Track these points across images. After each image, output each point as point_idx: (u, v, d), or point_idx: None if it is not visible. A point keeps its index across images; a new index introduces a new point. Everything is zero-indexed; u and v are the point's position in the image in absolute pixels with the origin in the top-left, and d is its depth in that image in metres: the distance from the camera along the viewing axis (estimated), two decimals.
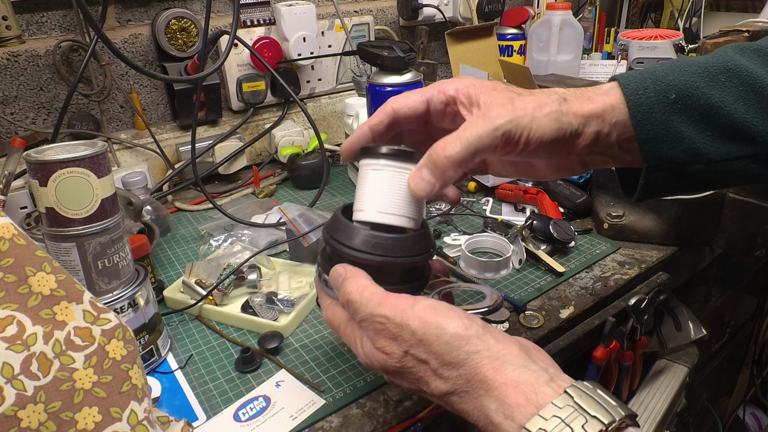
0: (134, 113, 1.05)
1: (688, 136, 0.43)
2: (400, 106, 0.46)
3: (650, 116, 0.43)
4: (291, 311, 0.67)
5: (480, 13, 1.35)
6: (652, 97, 0.43)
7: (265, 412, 0.54)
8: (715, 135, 0.43)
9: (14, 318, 0.39)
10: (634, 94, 0.43)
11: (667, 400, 0.87)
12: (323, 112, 1.22)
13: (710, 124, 0.43)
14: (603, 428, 0.32)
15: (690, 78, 0.43)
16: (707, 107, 0.42)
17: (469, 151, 0.40)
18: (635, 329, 0.74)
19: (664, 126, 0.43)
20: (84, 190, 0.51)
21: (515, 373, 0.35)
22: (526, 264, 0.78)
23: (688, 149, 0.43)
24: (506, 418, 0.34)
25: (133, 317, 0.57)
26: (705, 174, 0.45)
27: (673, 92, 0.43)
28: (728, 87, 0.42)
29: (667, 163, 0.44)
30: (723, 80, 0.43)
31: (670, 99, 0.43)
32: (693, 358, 0.95)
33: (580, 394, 0.33)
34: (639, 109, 0.43)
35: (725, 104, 0.42)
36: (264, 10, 1.11)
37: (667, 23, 1.72)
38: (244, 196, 1.04)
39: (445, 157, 0.40)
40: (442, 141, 0.41)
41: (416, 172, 0.41)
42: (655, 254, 0.79)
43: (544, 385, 0.34)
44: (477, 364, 0.36)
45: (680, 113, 0.43)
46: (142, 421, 0.44)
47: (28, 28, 0.93)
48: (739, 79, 0.42)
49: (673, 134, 0.43)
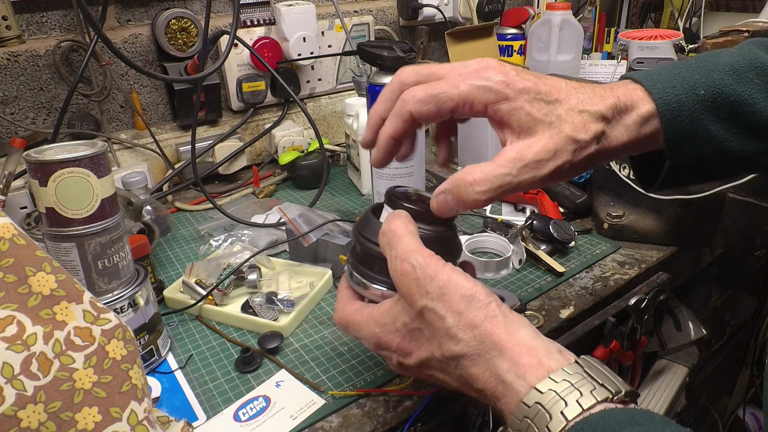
0: (134, 113, 1.05)
1: (716, 134, 0.42)
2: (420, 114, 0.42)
3: (679, 114, 0.42)
4: (291, 311, 0.67)
5: (480, 13, 1.35)
6: (680, 94, 0.42)
7: (265, 412, 0.54)
8: (742, 133, 0.43)
9: (14, 318, 0.39)
10: (661, 93, 0.42)
11: (667, 400, 0.87)
12: (323, 112, 1.22)
13: (738, 122, 0.43)
14: (610, 396, 0.33)
15: (718, 76, 0.42)
16: (737, 105, 0.42)
17: (497, 193, 0.40)
18: (635, 329, 0.74)
19: (693, 125, 0.42)
20: (84, 190, 0.51)
21: (528, 337, 0.36)
22: (526, 264, 0.78)
23: (715, 147, 0.43)
24: (518, 377, 0.35)
25: (133, 317, 0.57)
26: (727, 169, 0.45)
27: (702, 89, 0.42)
28: (756, 84, 0.42)
29: (692, 160, 0.44)
30: (751, 77, 0.42)
31: (699, 95, 0.42)
32: (693, 358, 0.95)
33: (589, 365, 0.35)
34: (668, 107, 0.42)
35: (755, 102, 0.42)
36: (264, 10, 1.11)
37: (667, 23, 1.72)
38: (244, 196, 1.04)
39: (470, 196, 0.40)
40: (471, 174, 0.40)
41: (441, 195, 0.41)
42: (655, 254, 0.79)
43: (556, 353, 0.36)
44: (492, 326, 0.36)
45: (710, 111, 0.42)
46: (142, 421, 0.44)
47: (28, 28, 0.93)
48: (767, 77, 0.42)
49: (702, 133, 0.42)
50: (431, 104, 0.41)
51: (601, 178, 0.84)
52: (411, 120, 0.42)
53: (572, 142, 0.40)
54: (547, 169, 0.40)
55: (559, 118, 0.40)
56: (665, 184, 0.47)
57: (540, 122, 0.40)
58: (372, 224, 0.45)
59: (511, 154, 0.40)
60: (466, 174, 0.40)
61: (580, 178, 0.91)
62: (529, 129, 0.40)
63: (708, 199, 0.74)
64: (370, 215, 0.46)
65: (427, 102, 0.41)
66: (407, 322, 0.40)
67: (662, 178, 0.46)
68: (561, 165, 0.40)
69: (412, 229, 0.41)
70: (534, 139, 0.40)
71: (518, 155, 0.40)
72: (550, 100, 0.40)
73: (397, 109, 0.43)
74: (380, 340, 0.42)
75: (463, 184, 0.40)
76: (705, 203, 0.76)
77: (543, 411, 0.33)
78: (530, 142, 0.40)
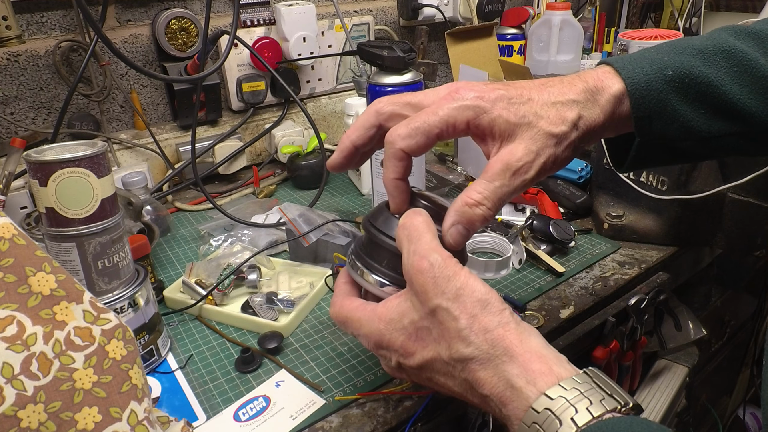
0: (134, 113, 1.05)
1: (683, 114, 0.44)
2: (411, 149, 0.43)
3: (648, 94, 0.43)
4: (291, 311, 0.67)
5: (480, 13, 1.35)
6: (650, 75, 0.43)
7: (265, 412, 0.54)
8: (708, 113, 0.44)
9: (14, 318, 0.39)
10: (630, 73, 0.44)
11: (667, 400, 0.87)
12: (323, 112, 1.22)
13: (705, 102, 0.44)
14: (618, 406, 0.34)
15: (686, 58, 0.44)
16: (704, 86, 0.43)
17: (500, 204, 0.42)
18: (635, 329, 0.74)
19: (661, 104, 0.44)
20: (84, 190, 0.51)
21: (539, 346, 0.37)
22: (526, 264, 0.78)
23: (682, 127, 0.44)
24: (528, 383, 0.35)
25: (133, 317, 0.57)
26: (694, 149, 0.46)
27: (670, 69, 0.43)
28: (723, 67, 0.44)
29: (659, 139, 0.45)
30: (718, 60, 0.44)
31: (666, 76, 0.43)
32: (693, 358, 0.95)
33: (598, 377, 0.35)
34: (637, 87, 0.43)
35: (722, 84, 0.43)
36: (264, 10, 1.11)
37: (667, 23, 1.72)
38: (244, 196, 1.04)
39: (479, 215, 0.41)
40: (470, 197, 0.41)
41: (452, 228, 0.42)
42: (655, 254, 0.79)
43: (566, 363, 0.36)
44: (505, 332, 0.37)
45: (677, 91, 0.44)
46: (142, 421, 0.44)
47: (28, 28, 0.93)
48: (734, 60, 0.44)
49: (669, 112, 0.44)
50: (418, 136, 0.42)
51: (601, 178, 0.84)
52: (406, 157, 0.43)
53: (551, 137, 0.41)
54: (533, 170, 0.41)
55: (536, 115, 0.41)
56: (635, 163, 0.48)
57: (518, 125, 0.41)
58: (386, 217, 0.45)
59: (498, 166, 0.41)
60: (467, 198, 0.41)
61: (580, 178, 0.91)
62: (510, 135, 0.41)
63: (708, 199, 0.74)
64: (385, 208, 0.46)
65: (414, 136, 0.42)
66: (415, 320, 0.40)
67: (632, 155, 0.48)
68: (546, 161, 0.41)
69: (433, 229, 0.42)
70: (515, 144, 0.41)
71: (504, 165, 0.41)
72: (523, 101, 0.42)
73: (389, 153, 0.43)
74: (383, 338, 0.42)
75: (468, 209, 0.41)
76: (705, 203, 0.75)
77: (553, 417, 0.33)
78: (511, 148, 0.41)
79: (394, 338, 0.41)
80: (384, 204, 0.47)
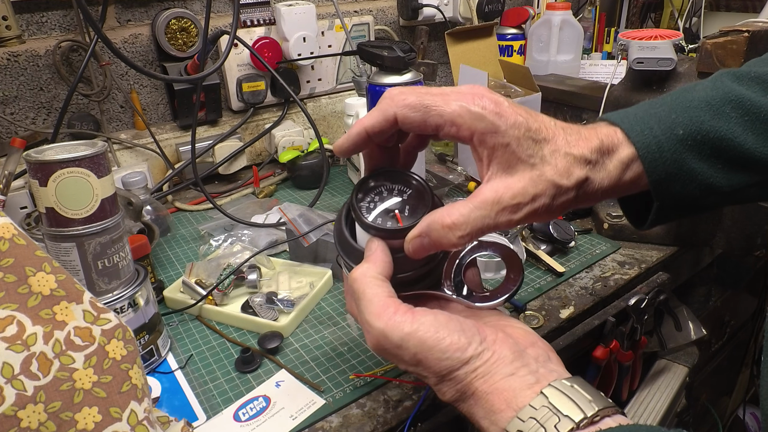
0: (134, 113, 1.05)
1: (701, 172, 0.42)
2: (404, 119, 0.40)
3: (660, 156, 0.41)
4: (291, 311, 0.67)
5: (480, 13, 1.35)
6: (659, 136, 0.42)
7: (265, 412, 0.54)
8: (726, 167, 0.42)
9: (14, 318, 0.39)
10: (639, 136, 0.42)
11: (667, 400, 0.87)
12: (323, 112, 1.22)
13: (720, 158, 0.42)
14: (574, 426, 0.33)
15: (695, 113, 0.42)
16: (717, 140, 0.42)
17: (476, 235, 0.39)
18: (635, 329, 0.74)
19: (676, 165, 0.42)
20: (84, 190, 0.51)
21: (501, 381, 0.37)
22: (526, 264, 0.78)
23: (701, 185, 0.43)
24: (491, 424, 0.36)
25: (133, 317, 0.57)
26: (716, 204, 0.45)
27: (681, 128, 0.42)
28: (734, 118, 0.42)
29: (680, 200, 0.43)
30: (728, 112, 0.42)
31: (678, 135, 0.42)
32: (693, 358, 0.95)
33: (555, 393, 0.35)
34: (648, 150, 0.41)
35: (735, 136, 0.42)
36: (264, 10, 1.11)
37: (667, 23, 1.72)
38: (244, 196, 1.04)
39: (449, 240, 0.39)
40: (449, 216, 0.38)
41: (416, 240, 0.40)
42: (655, 254, 0.79)
43: (527, 389, 0.36)
44: (472, 380, 0.37)
45: (691, 150, 0.42)
46: (142, 421, 0.44)
47: (28, 28, 0.93)
48: (743, 110, 0.42)
49: (686, 172, 0.42)
50: (419, 112, 0.39)
51: None
52: (393, 121, 0.40)
53: (553, 187, 0.39)
54: (523, 212, 0.39)
55: (543, 159, 0.39)
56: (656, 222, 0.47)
57: (523, 162, 0.39)
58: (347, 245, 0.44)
59: (489, 195, 0.39)
60: (444, 216, 0.39)
61: None
62: (511, 167, 0.39)
63: None
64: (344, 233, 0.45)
65: (417, 109, 0.39)
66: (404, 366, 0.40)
67: (652, 217, 0.46)
68: (538, 208, 0.39)
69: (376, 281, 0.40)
70: (514, 179, 0.39)
71: (496, 197, 0.39)
72: (538, 139, 0.39)
73: (383, 105, 0.41)
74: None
75: (441, 228, 0.39)
76: None
77: None
78: (509, 183, 0.39)
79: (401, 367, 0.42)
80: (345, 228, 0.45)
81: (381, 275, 0.40)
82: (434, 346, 0.37)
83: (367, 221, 0.42)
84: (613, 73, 0.90)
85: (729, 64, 0.70)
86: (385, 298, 0.39)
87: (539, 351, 0.39)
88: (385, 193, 0.44)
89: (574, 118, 1.06)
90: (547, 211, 0.40)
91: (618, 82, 0.87)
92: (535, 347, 0.40)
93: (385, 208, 0.43)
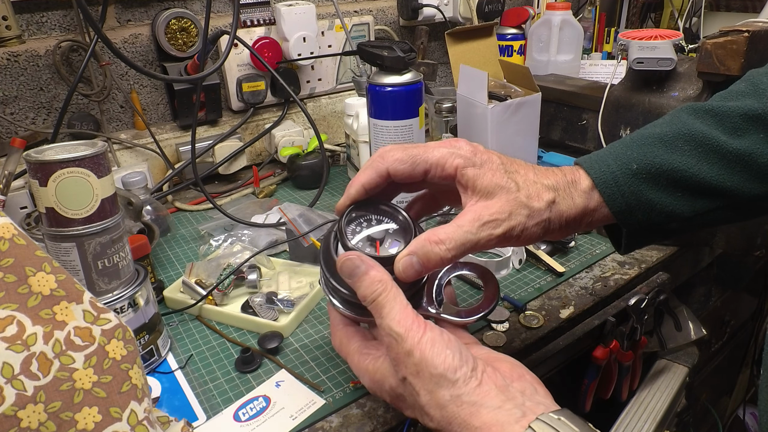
0: (134, 113, 1.05)
1: (659, 201, 0.46)
2: (396, 171, 0.46)
3: (618, 189, 0.46)
4: (291, 311, 0.67)
5: (480, 13, 1.35)
6: (615, 171, 0.46)
7: (265, 412, 0.54)
8: (686, 195, 0.46)
9: (14, 318, 0.39)
10: (597, 172, 0.46)
11: (667, 400, 0.87)
12: (323, 112, 1.22)
13: (678, 187, 0.46)
14: None
15: (648, 149, 0.46)
16: (671, 172, 0.45)
17: (461, 251, 0.43)
18: (635, 329, 0.74)
19: (634, 196, 0.46)
20: (84, 190, 0.51)
21: (489, 415, 0.37)
22: (526, 264, 0.78)
23: (662, 213, 0.46)
24: None
25: (133, 317, 0.57)
26: (683, 227, 0.48)
27: (635, 163, 0.46)
28: (686, 151, 0.46)
29: (645, 227, 0.47)
30: (680, 145, 0.46)
31: (632, 170, 0.46)
32: (693, 358, 0.95)
33: (543, 427, 0.36)
34: (606, 185, 0.46)
35: (689, 167, 0.45)
36: (264, 10, 1.11)
37: (667, 23, 1.72)
38: (244, 196, 1.04)
39: (437, 254, 0.42)
40: (435, 234, 0.43)
41: (405, 259, 0.43)
42: (655, 254, 0.79)
43: (514, 423, 0.36)
44: (458, 408, 0.38)
45: (646, 181, 0.46)
46: (142, 421, 0.44)
47: (28, 28, 0.93)
48: (696, 142, 0.46)
49: (645, 202, 0.46)
50: (407, 164, 0.45)
51: None
52: (386, 176, 0.46)
53: (525, 208, 0.44)
54: (501, 228, 0.43)
55: (517, 185, 0.44)
56: (631, 247, 0.51)
57: (500, 187, 0.44)
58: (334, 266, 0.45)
59: (470, 216, 0.43)
60: (431, 235, 0.43)
61: None
62: (489, 193, 0.44)
63: None
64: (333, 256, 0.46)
65: (404, 161, 0.45)
66: (394, 386, 0.42)
67: (624, 242, 0.50)
68: (514, 226, 0.43)
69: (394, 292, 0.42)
70: (492, 201, 0.44)
71: (476, 215, 0.43)
72: (511, 171, 0.45)
73: (374, 164, 0.46)
74: (374, 392, 0.45)
75: (429, 244, 0.42)
76: None
77: None
78: (488, 204, 0.44)
79: (383, 396, 0.44)
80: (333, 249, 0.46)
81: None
82: (430, 359, 0.39)
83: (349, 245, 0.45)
84: (613, 73, 0.90)
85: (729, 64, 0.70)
86: (406, 307, 0.41)
87: (526, 384, 0.40)
88: (373, 222, 0.48)
89: (574, 118, 1.06)
90: (524, 232, 0.44)
91: (618, 82, 0.87)
92: (522, 380, 0.40)
93: (367, 235, 0.47)
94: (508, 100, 0.88)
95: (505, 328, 0.65)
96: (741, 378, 1.52)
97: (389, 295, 0.41)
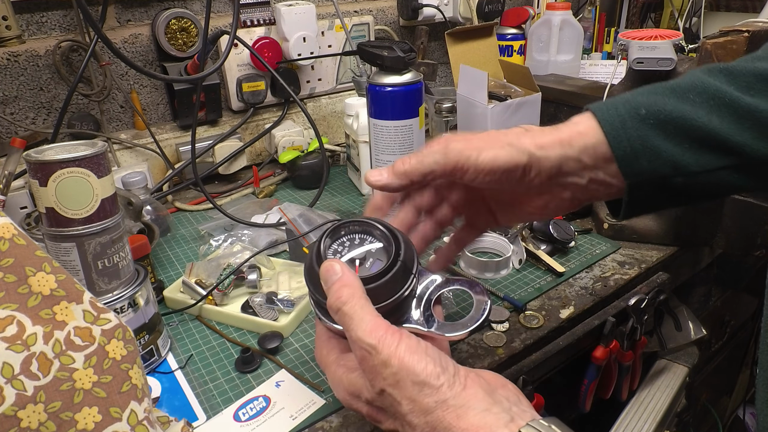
0: (134, 113, 1.05)
1: (665, 149, 0.44)
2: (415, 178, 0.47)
3: (624, 132, 0.44)
4: (291, 311, 0.67)
5: (480, 13, 1.35)
6: (623, 114, 0.45)
7: (265, 412, 0.54)
8: (693, 147, 0.44)
9: (14, 318, 0.39)
10: (605, 113, 0.45)
11: (667, 400, 0.87)
12: (323, 112, 1.22)
13: (686, 137, 0.44)
14: None
15: (659, 97, 0.45)
16: (680, 120, 0.44)
17: (422, 165, 0.46)
18: (635, 329, 0.74)
19: (640, 141, 0.44)
20: (84, 190, 0.51)
21: (476, 417, 0.37)
22: (526, 264, 0.78)
23: (668, 162, 0.44)
24: None
25: (133, 317, 0.57)
26: (688, 186, 0.46)
27: (643, 108, 0.45)
28: (698, 102, 0.44)
29: (648, 178, 0.45)
30: (692, 97, 0.45)
31: (641, 114, 0.44)
32: (693, 358, 0.95)
33: None
34: (612, 125, 0.44)
35: (698, 117, 0.44)
36: (264, 10, 1.11)
37: (667, 23, 1.72)
38: (244, 196, 1.04)
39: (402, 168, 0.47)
40: (406, 156, 0.47)
41: (377, 171, 0.47)
42: (655, 254, 0.79)
43: (503, 427, 0.36)
44: (443, 413, 0.37)
45: (654, 128, 0.44)
46: (142, 421, 0.44)
47: (28, 28, 0.93)
48: (708, 95, 0.44)
49: (651, 148, 0.44)
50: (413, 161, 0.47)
51: None
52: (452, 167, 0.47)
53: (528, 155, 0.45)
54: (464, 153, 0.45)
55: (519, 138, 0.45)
56: (632, 207, 0.48)
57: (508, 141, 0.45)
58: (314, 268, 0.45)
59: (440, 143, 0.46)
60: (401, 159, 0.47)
61: None
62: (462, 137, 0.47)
63: None
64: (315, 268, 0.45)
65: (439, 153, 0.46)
66: (371, 399, 0.41)
67: (625, 200, 0.47)
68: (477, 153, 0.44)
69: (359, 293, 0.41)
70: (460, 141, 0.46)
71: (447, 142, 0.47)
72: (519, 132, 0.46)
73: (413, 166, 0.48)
74: (350, 406, 0.44)
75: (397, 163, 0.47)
76: None
77: None
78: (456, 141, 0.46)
79: (360, 408, 0.43)
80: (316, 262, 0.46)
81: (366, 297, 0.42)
82: (411, 367, 0.38)
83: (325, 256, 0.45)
84: (613, 73, 0.90)
85: None
86: (376, 317, 0.40)
87: (509, 393, 0.40)
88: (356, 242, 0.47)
89: None
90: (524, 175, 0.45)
91: (618, 82, 0.87)
92: (505, 389, 0.40)
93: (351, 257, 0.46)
94: (508, 100, 0.88)
95: (505, 328, 0.65)
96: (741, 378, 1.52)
97: (356, 305, 0.40)
